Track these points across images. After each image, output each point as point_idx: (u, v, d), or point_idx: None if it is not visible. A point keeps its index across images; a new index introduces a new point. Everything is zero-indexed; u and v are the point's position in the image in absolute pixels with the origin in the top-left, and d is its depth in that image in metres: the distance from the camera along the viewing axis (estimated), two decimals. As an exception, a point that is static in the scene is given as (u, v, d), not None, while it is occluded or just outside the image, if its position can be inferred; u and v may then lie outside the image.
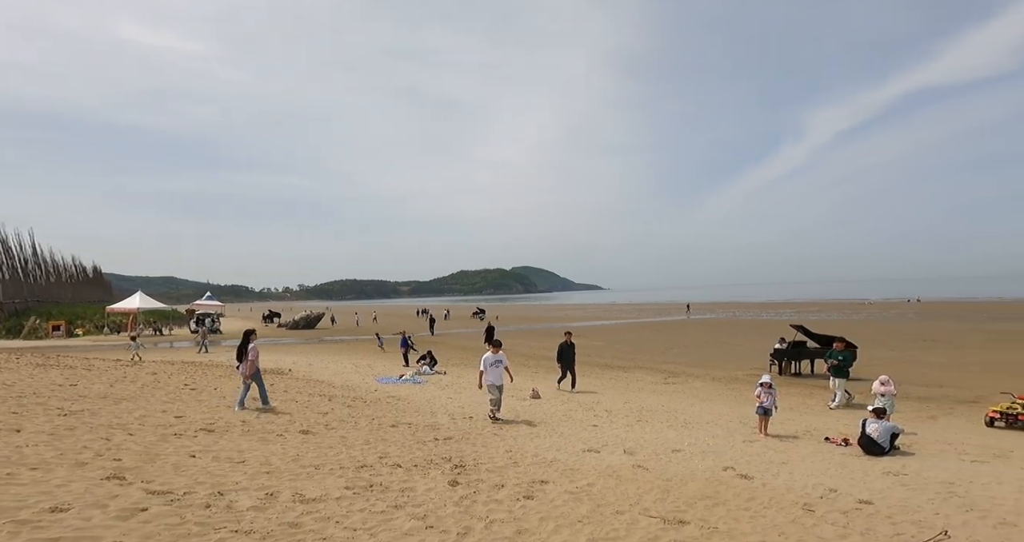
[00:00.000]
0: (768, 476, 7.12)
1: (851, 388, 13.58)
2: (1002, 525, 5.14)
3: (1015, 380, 14.72)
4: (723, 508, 5.88)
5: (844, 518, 5.51)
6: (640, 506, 5.94)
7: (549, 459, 7.90)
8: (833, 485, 6.65)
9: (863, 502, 5.98)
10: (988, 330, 31.79)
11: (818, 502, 6.03)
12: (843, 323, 41.22)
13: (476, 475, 6.86)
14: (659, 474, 7.19)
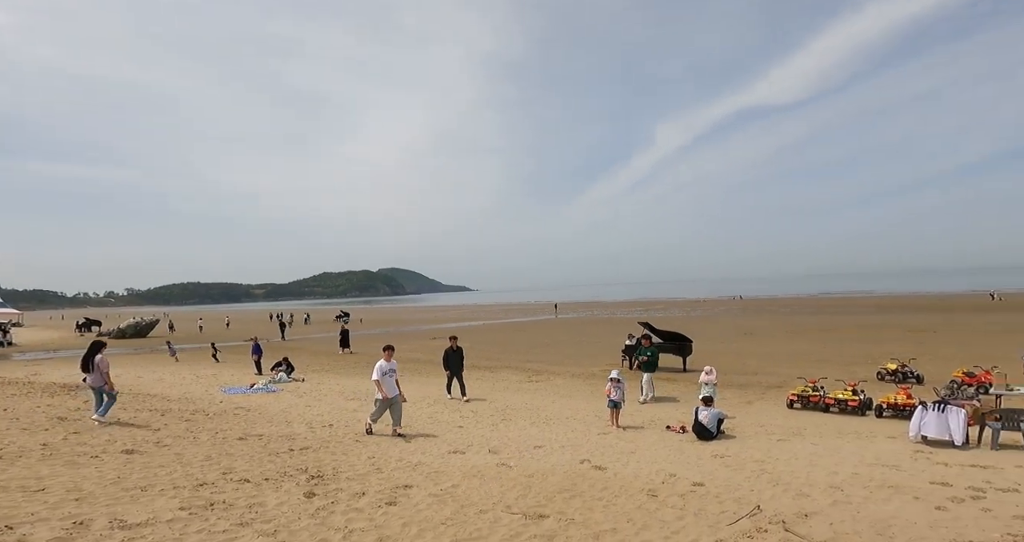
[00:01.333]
0: (619, 466, 7.70)
1: (688, 378, 15.17)
2: (799, 496, 6.09)
3: (809, 366, 17.52)
4: (579, 500, 6.23)
5: (681, 500, 6.14)
6: (503, 503, 6.09)
7: (414, 463, 7.81)
8: (673, 470, 7.37)
9: (696, 484, 6.71)
10: (792, 323, 37.46)
11: (660, 487, 6.64)
12: (683, 319, 45.98)
13: (335, 485, 6.56)
14: (522, 471, 7.42)
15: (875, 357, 18.52)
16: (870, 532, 4.97)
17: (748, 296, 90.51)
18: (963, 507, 5.48)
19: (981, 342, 22.05)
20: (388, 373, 9.76)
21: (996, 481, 6.32)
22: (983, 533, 4.80)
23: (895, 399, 10.87)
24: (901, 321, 35.12)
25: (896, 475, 6.69)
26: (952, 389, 11.24)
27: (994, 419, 8.31)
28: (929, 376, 14.68)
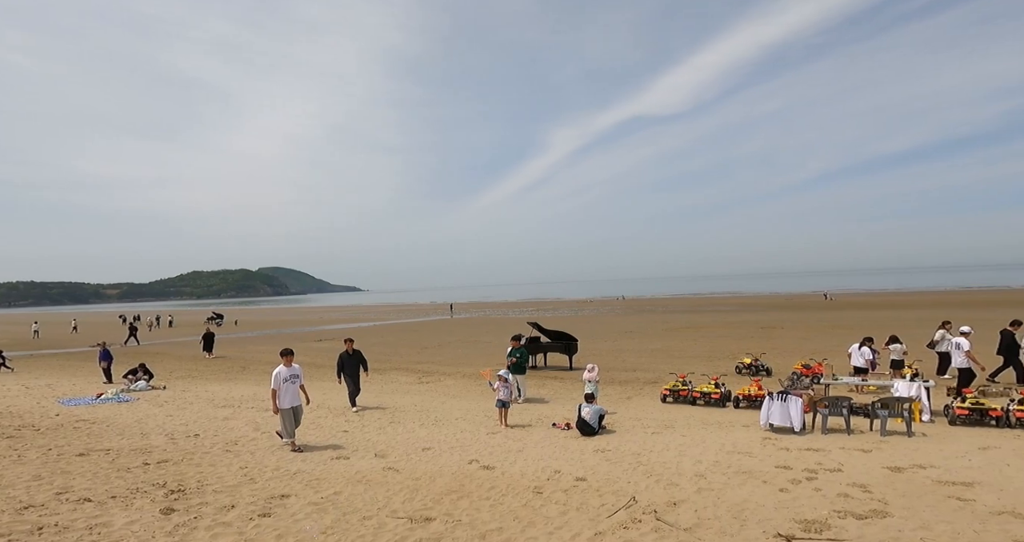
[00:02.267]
0: (507, 464, 7.84)
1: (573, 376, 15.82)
2: (670, 485, 6.60)
3: (681, 362, 19.06)
4: (467, 500, 6.26)
5: (565, 496, 6.38)
6: (388, 508, 5.96)
7: (292, 471, 7.41)
8: (558, 467, 7.64)
9: (579, 479, 7.01)
10: (667, 321, 40.47)
11: (546, 484, 6.86)
12: (571, 319, 47.90)
13: (199, 499, 6.06)
14: (409, 474, 7.33)
15: (734, 352, 20.55)
16: (728, 516, 5.50)
17: (630, 296, 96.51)
18: (800, 488, 6.26)
19: (817, 337, 25.26)
20: (290, 380, 8.80)
21: (825, 462, 7.28)
22: (815, 511, 5.51)
23: (749, 391, 12.12)
24: (756, 319, 39.29)
25: (749, 461, 7.47)
26: (792, 380, 12.75)
27: (823, 406, 9.55)
28: (777, 368, 16.55)
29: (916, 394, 10.11)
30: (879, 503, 5.62)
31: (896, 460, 7.22)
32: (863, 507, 5.52)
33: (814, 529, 5.03)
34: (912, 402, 9.45)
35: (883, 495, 5.85)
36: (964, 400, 9.76)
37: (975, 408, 9.48)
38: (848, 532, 4.94)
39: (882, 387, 11.81)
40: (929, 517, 5.19)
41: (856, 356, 13.96)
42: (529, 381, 17.44)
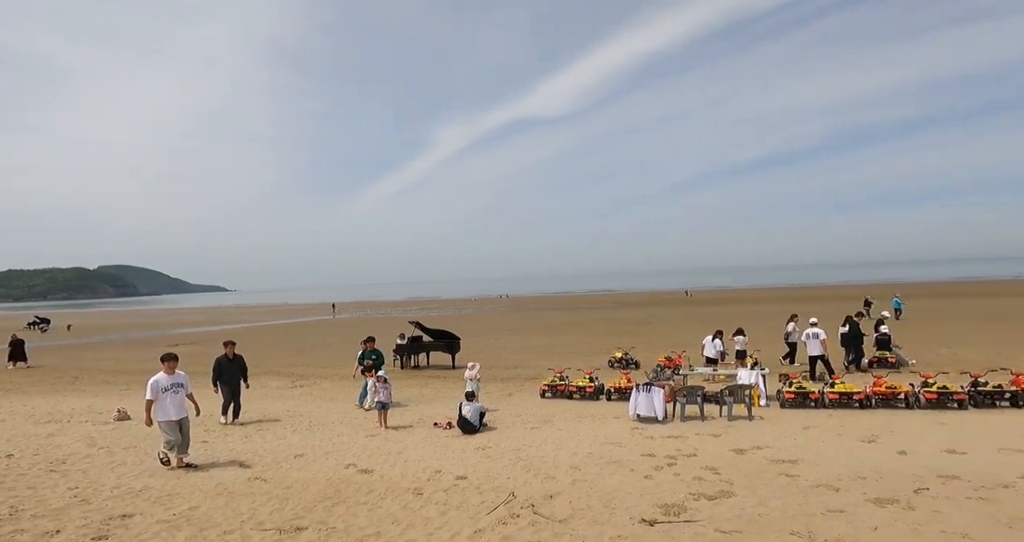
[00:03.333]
0: (386, 467, 7.66)
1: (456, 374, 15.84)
2: (547, 479, 6.85)
3: (560, 358, 19.87)
4: (343, 506, 6.03)
5: (445, 495, 6.37)
6: (254, 520, 5.57)
7: (137, 489, 6.65)
8: (438, 466, 7.61)
9: (460, 478, 7.04)
10: (549, 319, 42.01)
11: (426, 484, 6.80)
12: (454, 317, 47.96)
13: (14, 526, 5.27)
14: (279, 483, 6.91)
15: (608, 347, 21.85)
16: (599, 505, 5.84)
17: (514, 294, 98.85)
18: (662, 474, 6.82)
19: (678, 331, 27.68)
20: (171, 389, 7.73)
21: (683, 448, 8.01)
22: (674, 495, 6.03)
23: (619, 384, 12.97)
24: (629, 315, 42.15)
25: (619, 451, 7.99)
26: (656, 372, 13.86)
27: (682, 396, 10.50)
28: (644, 362, 17.82)
29: (755, 381, 11.45)
30: (726, 484, 6.29)
31: (740, 443, 8.12)
32: (714, 488, 6.14)
33: (673, 512, 5.51)
34: (752, 389, 10.70)
35: (730, 476, 6.55)
36: (791, 384, 11.23)
37: (799, 392, 10.94)
38: (701, 513, 5.47)
39: (729, 376, 13.22)
40: (765, 493, 5.90)
41: (709, 348, 15.52)
42: (411, 381, 17.20)
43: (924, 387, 10.45)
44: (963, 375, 11.38)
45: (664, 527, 5.16)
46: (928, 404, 10.17)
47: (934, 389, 10.28)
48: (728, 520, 5.23)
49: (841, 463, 6.82)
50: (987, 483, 5.83)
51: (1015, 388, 10.10)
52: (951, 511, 5.15)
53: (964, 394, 10.10)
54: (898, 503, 5.40)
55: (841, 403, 10.53)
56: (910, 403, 10.28)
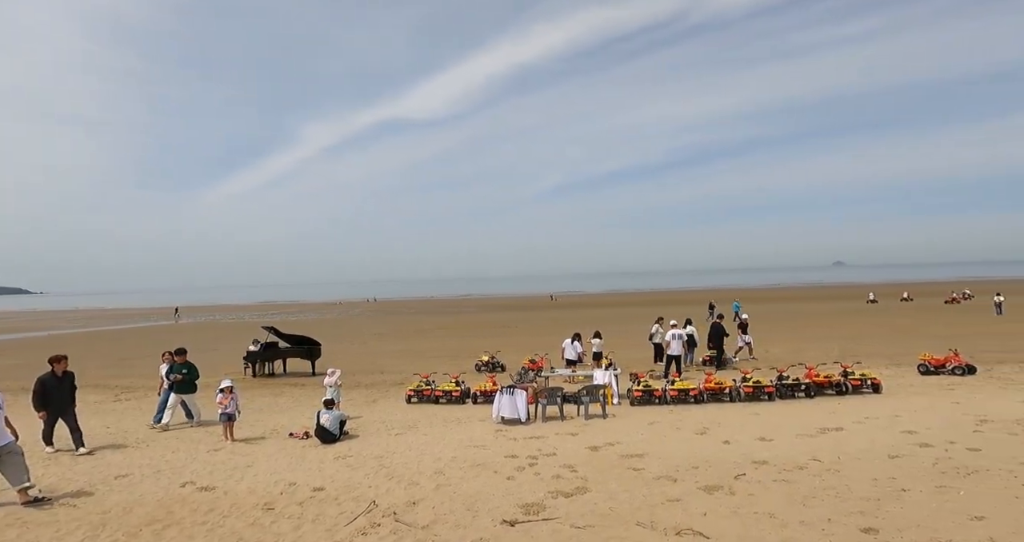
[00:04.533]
0: (232, 482, 7.03)
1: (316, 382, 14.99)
2: (411, 485, 6.75)
3: (427, 362, 19.69)
4: (175, 529, 5.44)
5: (300, 509, 6.00)
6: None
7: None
8: (293, 478, 7.14)
9: (317, 489, 6.67)
10: (418, 322, 41.44)
11: (278, 498, 6.34)
12: (317, 322, 45.44)
13: None
14: (94, 507, 6.08)
15: (476, 350, 22.13)
16: (462, 509, 5.88)
17: (382, 298, 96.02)
18: (524, 474, 7.06)
19: (544, 333, 28.81)
20: None
21: (544, 448, 8.36)
22: (534, 494, 6.28)
23: (485, 387, 13.20)
24: (496, 318, 43.10)
25: (483, 454, 8.12)
26: (520, 374, 14.31)
27: (543, 397, 10.97)
28: (510, 364, 18.33)
29: (608, 381, 12.33)
30: (582, 480, 6.68)
31: (594, 440, 8.68)
32: (570, 485, 6.49)
33: (533, 511, 5.73)
34: (606, 388, 11.51)
35: (585, 473, 6.97)
36: (639, 383, 12.26)
37: (646, 390, 11.99)
38: (559, 510, 5.75)
39: (587, 376, 14.08)
40: (615, 488, 6.37)
41: (569, 350, 16.40)
42: (265, 390, 15.96)
43: (743, 382, 12.00)
44: (772, 370, 13.28)
45: (524, 527, 5.35)
46: (746, 397, 11.68)
47: (750, 384, 11.85)
48: (583, 515, 5.56)
49: (679, 455, 7.58)
50: (788, 466, 6.84)
51: (808, 380, 12.00)
52: (762, 493, 5.96)
53: (772, 387, 11.77)
54: (723, 489, 6.13)
55: (680, 399, 11.72)
56: (733, 397, 11.74)
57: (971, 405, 9.75)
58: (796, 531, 4.93)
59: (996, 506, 5.24)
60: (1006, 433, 7.76)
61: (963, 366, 13.54)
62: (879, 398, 11.20)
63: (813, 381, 11.93)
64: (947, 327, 25.54)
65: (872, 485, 5.98)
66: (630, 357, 17.99)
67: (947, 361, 13.79)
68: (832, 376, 12.11)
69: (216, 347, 28.12)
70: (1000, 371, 13.77)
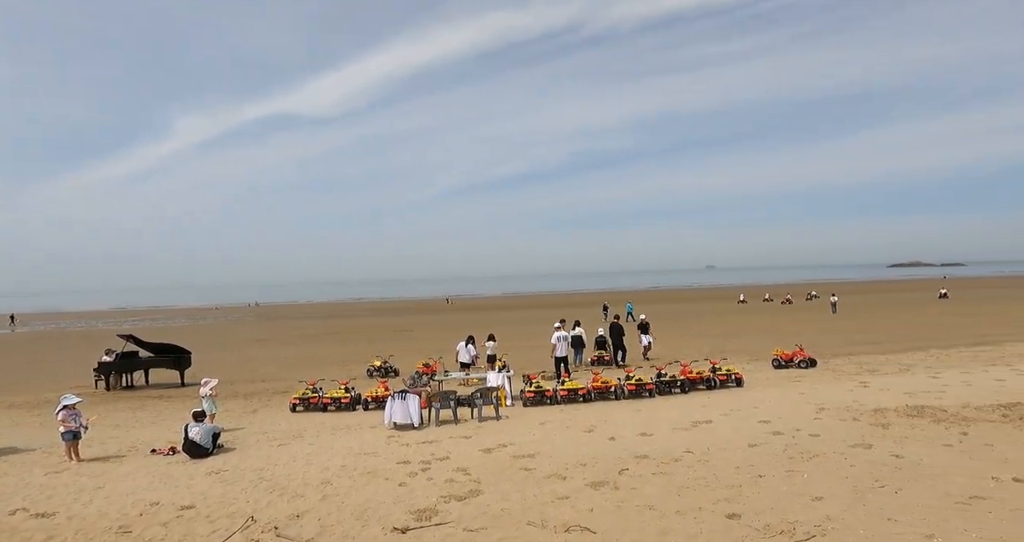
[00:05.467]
0: (78, 506, 6.24)
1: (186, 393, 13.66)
2: (295, 497, 6.37)
3: (315, 369, 18.72)
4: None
5: (164, 530, 5.44)
6: None
7: None
8: (155, 498, 6.47)
9: (185, 507, 6.08)
10: (305, 328, 39.26)
11: (137, 520, 5.71)
12: (189, 328, 41.48)
13: None
14: None
15: (367, 355, 21.43)
16: (351, 519, 5.65)
17: (266, 302, 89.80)
18: (416, 479, 6.94)
19: (439, 337, 28.51)
20: None
21: (437, 452, 8.29)
22: (427, 499, 6.19)
23: (376, 392, 12.82)
24: (390, 322, 42.00)
25: (374, 461, 7.87)
26: (413, 379, 14.04)
27: (436, 401, 10.87)
28: (404, 369, 17.95)
29: (501, 383, 12.51)
30: (475, 483, 6.70)
31: (488, 442, 8.75)
32: (463, 489, 6.49)
33: (425, 517, 5.64)
34: (499, 390, 11.67)
35: (478, 475, 7.00)
36: (531, 384, 12.56)
37: (537, 391, 12.32)
38: (452, 514, 5.72)
39: (481, 379, 14.17)
40: (508, 488, 6.47)
41: (463, 353, 16.41)
42: (122, 403, 14.35)
43: (627, 380, 12.73)
44: (652, 368, 14.22)
45: (416, 533, 5.25)
46: (630, 395, 12.40)
47: (633, 381, 12.60)
48: (475, 518, 5.58)
49: (568, 453, 7.86)
50: (665, 459, 7.35)
51: (683, 377, 13.02)
52: (643, 486, 6.34)
53: (653, 385, 12.61)
54: (608, 484, 6.44)
55: (570, 399, 12.17)
56: (618, 395, 12.42)
57: (813, 395, 11.09)
58: (672, 521, 5.29)
59: (831, 486, 5.98)
60: (838, 419, 8.91)
61: (807, 360, 15.40)
62: (742, 391, 12.39)
63: (687, 377, 12.95)
64: (796, 324, 28.83)
65: (735, 473, 6.59)
66: (524, 359, 18.37)
67: (794, 356, 15.61)
68: (703, 372, 13.22)
69: (59, 359, 24.73)
70: (835, 363, 15.79)
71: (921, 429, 7.99)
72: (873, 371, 14.00)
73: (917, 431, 7.88)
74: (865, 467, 6.48)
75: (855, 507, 5.33)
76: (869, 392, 10.97)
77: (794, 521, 5.10)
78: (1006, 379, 11.69)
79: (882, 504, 5.37)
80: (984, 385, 11.07)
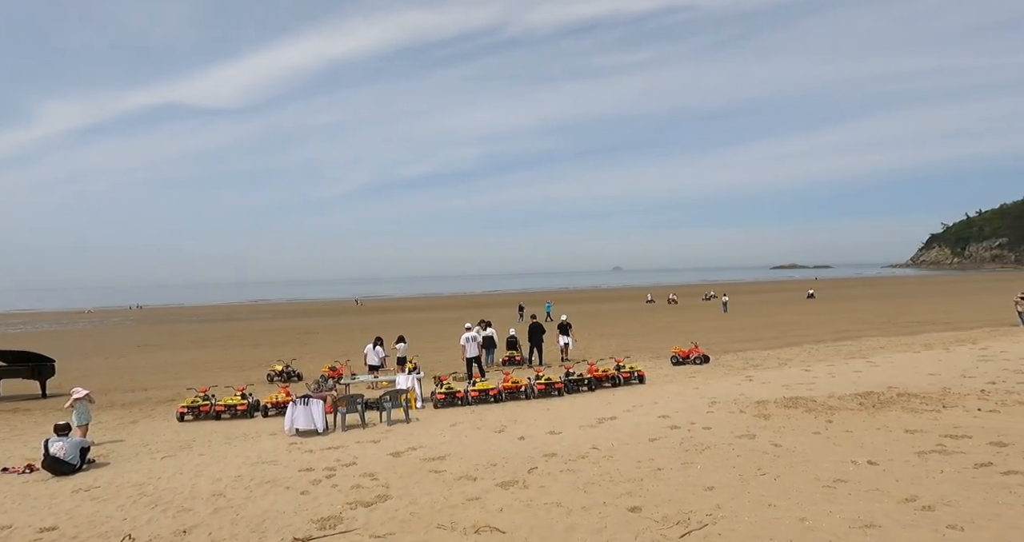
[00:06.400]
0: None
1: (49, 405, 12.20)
2: (181, 512, 5.86)
3: (208, 375, 17.41)
4: None
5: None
6: None
7: None
8: (7, 521, 5.73)
9: (46, 529, 5.43)
10: (197, 332, 36.44)
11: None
12: (56, 334, 37.03)
13: None
14: None
15: (268, 360, 20.24)
16: (246, 532, 5.28)
17: (150, 305, 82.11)
18: (320, 487, 6.63)
19: (348, 339, 27.59)
20: None
21: (343, 458, 7.98)
22: (331, 507, 5.93)
23: (277, 398, 12.14)
24: (294, 325, 39.94)
25: (273, 470, 7.43)
26: (318, 383, 13.46)
27: (343, 405, 10.48)
28: (309, 373, 17.18)
29: (411, 385, 12.30)
30: (383, 488, 6.52)
31: (397, 446, 8.56)
32: (370, 494, 6.29)
33: (329, 525, 5.40)
34: (409, 392, 11.46)
35: (386, 480, 6.82)
36: (441, 385, 12.47)
37: (448, 392, 12.24)
38: (358, 521, 5.52)
39: (390, 381, 13.85)
40: (417, 492, 6.35)
41: (371, 355, 15.95)
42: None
43: (536, 380, 12.99)
44: (561, 367, 14.61)
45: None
46: (539, 394, 12.67)
47: (542, 381, 12.87)
48: (383, 524, 5.42)
49: (479, 454, 7.86)
50: (572, 456, 7.56)
51: (590, 375, 13.50)
52: (551, 484, 6.47)
53: (562, 383, 12.96)
54: (518, 484, 6.51)
55: (481, 399, 12.20)
56: (528, 394, 12.63)
57: (706, 390, 11.91)
58: (578, 517, 5.44)
59: (721, 476, 6.42)
60: (728, 412, 9.62)
61: (701, 356, 16.52)
62: (644, 388, 13.04)
63: (594, 376, 13.43)
64: (693, 323, 30.81)
65: (637, 467, 6.89)
66: (436, 360, 18.19)
67: (690, 353, 16.69)
68: (609, 371, 13.78)
69: None
70: (725, 360, 17.06)
71: (796, 419, 8.80)
72: (757, 366, 15.27)
73: (792, 421, 8.67)
74: (750, 456, 7.02)
75: (741, 495, 5.75)
76: (753, 386, 11.94)
77: (689, 511, 5.41)
78: (862, 371, 13.16)
79: (764, 491, 5.82)
80: (845, 376, 12.41)
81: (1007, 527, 4.61)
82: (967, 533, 4.54)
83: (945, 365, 13.12)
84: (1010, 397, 9.32)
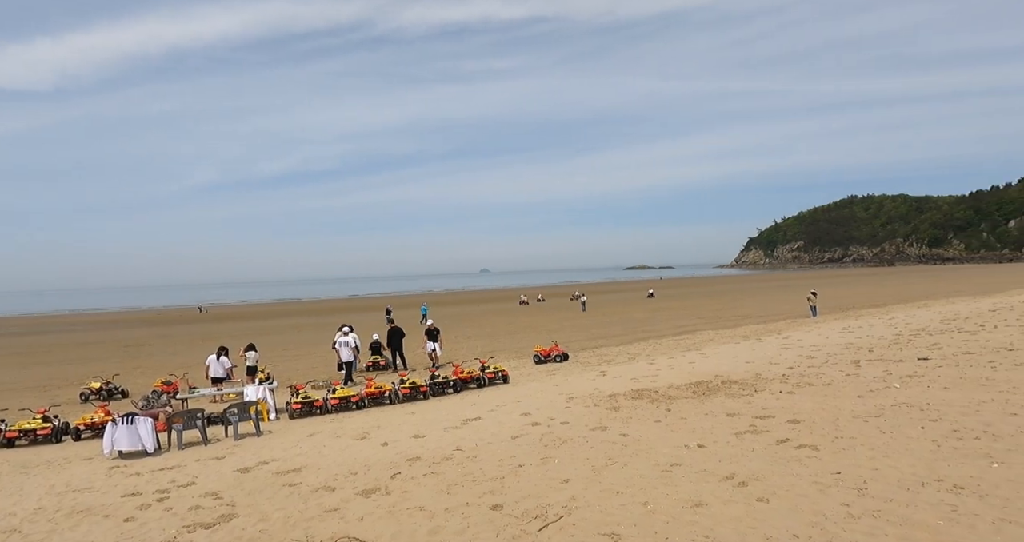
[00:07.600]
0: None
1: None
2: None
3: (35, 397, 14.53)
4: None
5: None
6: None
7: None
8: None
9: None
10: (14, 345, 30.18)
11: None
12: None
13: None
14: None
15: (83, 377, 17.44)
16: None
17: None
18: (150, 512, 5.86)
19: (188, 351, 24.72)
20: None
21: (179, 478, 7.13)
22: (163, 533, 5.27)
23: (92, 418, 10.53)
24: (118, 336, 34.85)
25: (88, 497, 6.41)
26: (149, 399, 11.90)
27: (178, 421, 9.37)
28: (137, 389, 15.13)
29: (262, 396, 11.39)
30: (227, 507, 5.94)
31: (246, 461, 7.86)
32: (212, 515, 5.69)
33: (159, 554, 4.79)
34: (260, 403, 10.60)
35: (232, 498, 6.22)
36: (297, 395, 11.71)
37: (305, 401, 11.54)
38: (194, 545, 4.96)
39: (237, 393, 12.69)
40: (267, 508, 5.88)
41: (215, 366, 14.40)
42: None
43: (401, 384, 12.75)
44: (426, 371, 14.50)
45: (145, 577, 4.42)
46: (404, 398, 12.46)
47: (407, 385, 12.68)
48: (226, 546, 4.94)
49: (338, 463, 7.50)
50: (437, 458, 7.51)
51: (455, 377, 13.58)
52: (415, 489, 6.36)
53: (427, 387, 12.86)
54: (380, 490, 6.31)
55: (342, 407, 11.66)
56: (392, 399, 12.34)
57: (565, 386, 12.56)
58: (442, 519, 5.41)
59: (576, 468, 6.76)
60: (583, 406, 10.22)
61: (561, 354, 17.42)
62: (508, 387, 13.41)
63: (459, 378, 13.52)
64: (555, 322, 32.28)
65: (499, 465, 7.03)
66: (292, 369, 17.03)
67: (551, 351, 17.51)
68: (473, 372, 13.95)
69: None
70: (582, 356, 18.15)
71: (641, 409, 9.61)
72: (610, 361, 16.47)
73: (638, 411, 9.46)
74: (601, 447, 7.50)
75: (593, 485, 6.10)
76: (606, 380, 12.84)
77: (547, 504, 5.62)
78: (696, 362, 14.77)
79: (613, 480, 6.24)
80: (683, 368, 13.84)
81: (798, 496, 5.44)
82: (771, 504, 5.28)
83: (758, 353, 15.21)
84: (803, 380, 11.06)
